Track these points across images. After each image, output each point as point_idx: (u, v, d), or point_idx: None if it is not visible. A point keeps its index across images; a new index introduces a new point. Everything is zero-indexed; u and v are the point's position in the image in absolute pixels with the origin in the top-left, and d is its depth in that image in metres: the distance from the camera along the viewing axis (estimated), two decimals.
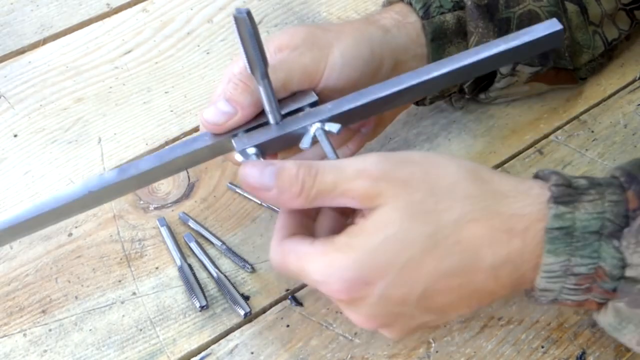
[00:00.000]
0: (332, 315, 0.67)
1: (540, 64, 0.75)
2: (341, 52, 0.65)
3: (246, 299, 0.68)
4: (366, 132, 0.71)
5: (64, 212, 0.62)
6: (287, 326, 0.67)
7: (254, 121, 0.63)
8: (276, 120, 0.62)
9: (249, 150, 0.61)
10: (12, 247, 0.72)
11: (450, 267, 0.55)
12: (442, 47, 0.72)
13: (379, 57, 0.68)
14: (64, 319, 0.68)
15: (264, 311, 0.68)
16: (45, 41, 0.90)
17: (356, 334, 0.66)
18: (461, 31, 0.73)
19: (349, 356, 0.65)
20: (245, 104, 0.62)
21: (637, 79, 0.83)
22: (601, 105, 0.81)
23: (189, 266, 0.70)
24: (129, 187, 0.63)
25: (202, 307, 0.67)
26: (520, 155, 0.78)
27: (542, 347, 0.65)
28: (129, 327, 0.67)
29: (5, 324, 0.67)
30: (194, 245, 0.71)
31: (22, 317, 0.68)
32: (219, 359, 0.65)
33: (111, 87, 0.85)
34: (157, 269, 0.71)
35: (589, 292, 0.56)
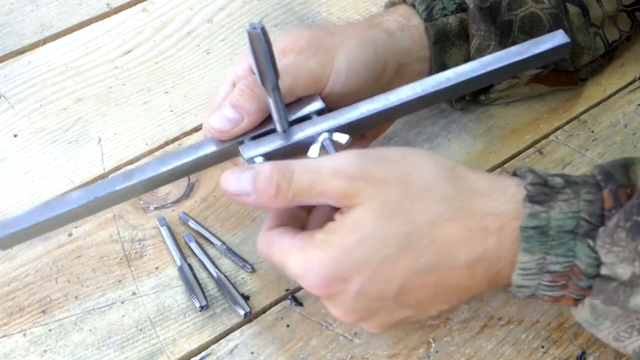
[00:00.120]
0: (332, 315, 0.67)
1: (540, 66, 0.75)
2: (346, 56, 0.65)
3: (246, 299, 0.68)
4: (370, 135, 0.72)
5: (69, 218, 0.62)
6: (287, 326, 0.67)
7: (260, 127, 0.63)
8: (284, 128, 0.62)
9: (257, 159, 0.62)
10: (12, 247, 0.72)
11: (425, 265, 0.55)
12: (444, 50, 0.72)
13: (383, 61, 0.68)
14: (64, 319, 0.68)
15: (264, 311, 0.68)
16: (45, 41, 0.90)
17: (356, 334, 0.66)
18: (463, 33, 0.73)
19: (349, 356, 0.65)
20: (251, 110, 0.62)
21: (637, 79, 0.83)
22: (601, 105, 0.81)
23: (189, 266, 0.70)
24: (134, 193, 0.63)
25: (202, 307, 0.67)
26: (520, 155, 0.78)
27: (542, 347, 0.65)
28: (129, 327, 0.67)
29: (5, 324, 0.67)
30: (194, 245, 0.71)
31: (22, 317, 0.68)
32: (219, 359, 0.65)
33: (111, 87, 0.85)
34: (157, 269, 0.71)
35: (565, 289, 0.56)
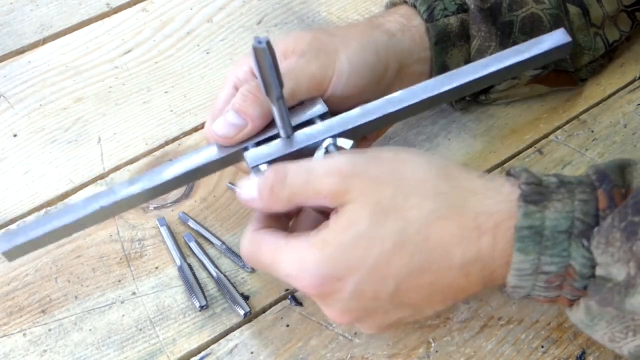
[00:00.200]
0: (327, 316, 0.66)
1: (541, 66, 0.75)
2: (348, 59, 0.65)
3: (246, 299, 0.68)
4: (371, 137, 0.72)
5: (75, 229, 0.62)
6: (287, 326, 0.67)
7: (264, 132, 0.63)
8: (288, 134, 0.62)
9: (262, 167, 0.62)
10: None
11: (420, 264, 0.55)
12: (446, 51, 0.72)
13: (385, 63, 0.68)
14: (64, 319, 0.68)
15: (264, 311, 0.68)
16: (45, 41, 0.90)
17: (356, 334, 0.66)
18: (464, 34, 0.73)
19: (349, 356, 0.65)
20: (255, 116, 0.62)
21: (637, 79, 0.83)
22: (601, 105, 0.81)
23: (189, 266, 0.70)
24: (138, 201, 0.63)
25: (202, 307, 0.67)
26: (520, 155, 0.78)
27: (542, 347, 0.65)
28: (129, 327, 0.67)
29: (5, 324, 0.67)
30: (194, 245, 0.71)
31: (22, 317, 0.68)
32: (219, 359, 0.65)
33: (111, 87, 0.85)
34: (157, 269, 0.71)
35: (561, 290, 0.56)
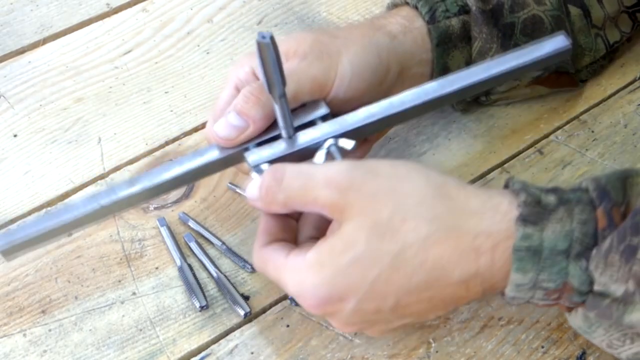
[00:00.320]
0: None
1: (541, 69, 0.75)
2: (350, 61, 0.65)
3: (246, 299, 0.68)
4: (372, 138, 0.72)
5: (73, 227, 0.62)
6: (287, 326, 0.67)
7: (265, 133, 0.63)
8: (289, 134, 0.62)
9: (263, 166, 0.62)
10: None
11: (418, 283, 0.56)
12: (447, 52, 0.72)
13: (386, 65, 0.68)
14: (64, 319, 0.68)
15: (264, 311, 0.68)
16: (45, 41, 0.90)
17: (356, 334, 0.65)
18: (466, 35, 0.73)
19: (349, 356, 0.65)
20: (257, 117, 0.62)
21: (637, 79, 0.83)
22: (601, 105, 0.81)
23: (189, 266, 0.70)
24: (138, 200, 0.63)
25: (202, 307, 0.67)
26: (520, 155, 0.78)
27: (542, 347, 0.65)
28: (129, 327, 0.67)
29: (5, 324, 0.67)
30: (194, 245, 0.71)
31: (22, 317, 0.68)
32: (219, 359, 0.65)
33: (111, 87, 0.85)
34: (157, 269, 0.71)
35: (559, 300, 0.57)
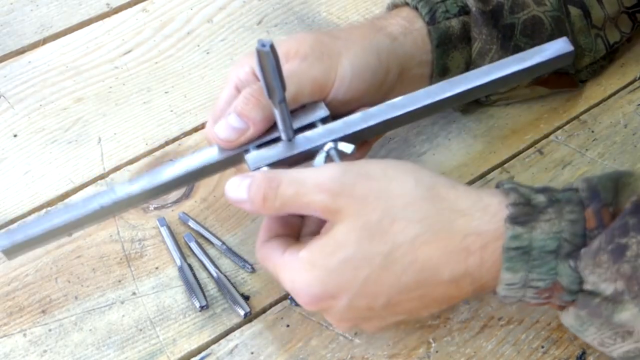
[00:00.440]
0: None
1: (542, 74, 0.75)
2: (350, 62, 0.65)
3: (246, 299, 0.68)
4: (372, 140, 0.72)
5: (74, 227, 0.62)
6: (287, 326, 0.67)
7: (266, 135, 0.63)
8: (289, 137, 0.62)
9: (263, 169, 0.62)
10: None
11: (408, 282, 0.56)
12: (447, 53, 0.72)
13: (386, 66, 0.68)
14: (64, 319, 0.68)
15: (264, 311, 0.68)
16: (45, 41, 0.90)
17: (356, 334, 0.66)
18: (466, 36, 0.73)
19: (349, 356, 0.65)
20: (257, 119, 0.62)
21: (637, 79, 0.83)
22: (601, 105, 0.81)
23: (189, 266, 0.70)
24: (138, 201, 0.63)
25: (202, 307, 0.67)
26: (520, 155, 0.78)
27: (542, 347, 0.65)
28: (129, 327, 0.67)
29: (5, 324, 0.67)
30: (194, 245, 0.71)
31: (22, 317, 0.68)
32: (219, 359, 0.65)
33: (111, 87, 0.85)
34: (157, 269, 0.71)
35: (550, 299, 0.57)
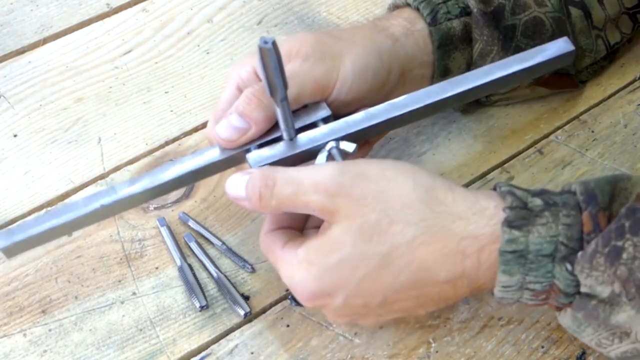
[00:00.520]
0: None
1: (543, 74, 0.75)
2: (352, 63, 0.65)
3: (246, 299, 0.68)
4: (373, 140, 0.72)
5: (74, 226, 0.62)
6: (287, 326, 0.67)
7: (267, 134, 0.63)
8: (290, 136, 0.62)
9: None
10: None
11: (405, 282, 0.57)
12: (448, 54, 0.72)
13: (387, 67, 0.68)
14: (64, 319, 0.68)
15: (264, 311, 0.68)
16: (45, 41, 0.90)
17: (356, 334, 0.66)
18: (467, 37, 0.73)
19: (349, 356, 0.65)
20: (259, 119, 0.62)
21: (637, 79, 0.83)
22: (601, 105, 0.81)
23: (189, 266, 0.70)
24: (139, 200, 0.63)
25: (202, 307, 0.67)
26: (520, 155, 0.78)
27: (542, 347, 0.65)
28: (129, 327, 0.67)
29: (5, 324, 0.67)
30: (194, 245, 0.71)
31: (22, 317, 0.68)
32: (219, 359, 0.65)
33: (111, 87, 0.85)
34: (157, 269, 0.71)
35: (547, 300, 0.57)
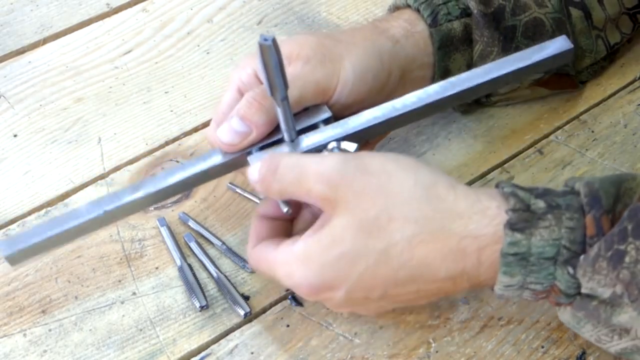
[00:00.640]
0: (332, 315, 0.67)
1: (542, 72, 0.75)
2: (352, 66, 0.65)
3: (246, 299, 0.68)
4: (374, 141, 0.72)
5: (78, 233, 0.62)
6: (287, 326, 0.67)
7: (268, 137, 0.63)
8: (292, 137, 0.62)
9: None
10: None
11: (404, 278, 0.57)
12: (448, 55, 0.72)
13: (388, 69, 0.68)
14: (64, 319, 0.68)
15: (264, 311, 0.68)
16: (45, 41, 0.90)
17: (356, 334, 0.66)
18: (467, 38, 0.73)
19: (349, 356, 0.65)
20: (260, 122, 0.62)
21: (637, 79, 0.83)
22: (601, 105, 0.81)
23: (189, 266, 0.70)
24: (142, 205, 0.63)
25: (202, 307, 0.67)
26: (520, 155, 0.78)
27: (542, 347, 0.65)
28: (129, 327, 0.67)
29: (5, 324, 0.67)
30: (194, 245, 0.71)
31: (22, 317, 0.68)
32: (219, 359, 0.65)
33: (111, 87, 0.85)
34: (157, 269, 0.71)
35: (547, 298, 0.57)
